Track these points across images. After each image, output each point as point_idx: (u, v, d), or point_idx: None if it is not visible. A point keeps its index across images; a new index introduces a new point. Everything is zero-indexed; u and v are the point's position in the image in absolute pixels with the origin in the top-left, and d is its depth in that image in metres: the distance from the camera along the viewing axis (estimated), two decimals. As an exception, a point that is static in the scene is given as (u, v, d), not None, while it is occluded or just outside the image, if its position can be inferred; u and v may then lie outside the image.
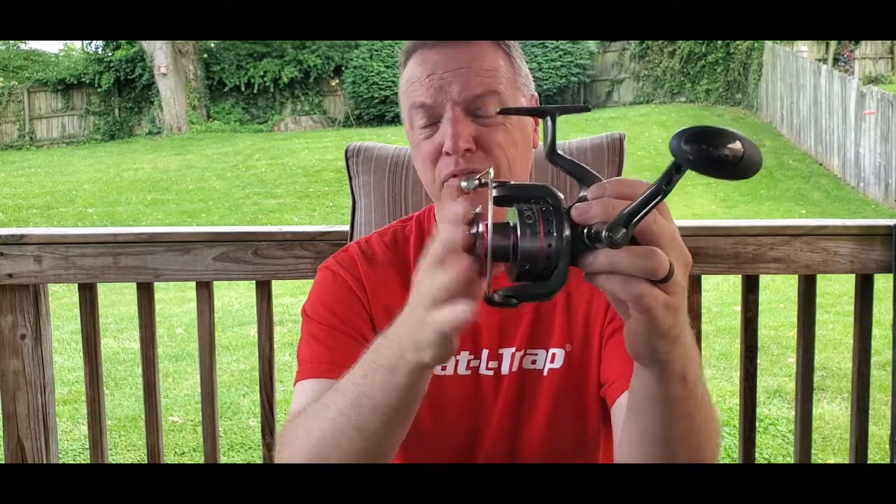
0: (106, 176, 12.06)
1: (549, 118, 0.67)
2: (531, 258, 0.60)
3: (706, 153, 0.54)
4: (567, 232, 0.60)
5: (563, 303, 1.00)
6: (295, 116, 16.98)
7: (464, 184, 0.69)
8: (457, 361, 1.00)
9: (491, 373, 1.00)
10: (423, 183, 0.99)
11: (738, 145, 0.54)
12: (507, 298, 0.61)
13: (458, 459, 1.01)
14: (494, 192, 0.63)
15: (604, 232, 0.58)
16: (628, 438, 0.77)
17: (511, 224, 0.62)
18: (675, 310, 0.61)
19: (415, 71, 0.95)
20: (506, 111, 0.89)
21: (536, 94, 1.03)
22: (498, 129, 0.93)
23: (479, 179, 0.67)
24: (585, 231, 0.60)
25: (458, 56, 0.93)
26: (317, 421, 0.77)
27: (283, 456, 0.81)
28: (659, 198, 0.57)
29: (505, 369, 1.00)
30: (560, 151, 0.66)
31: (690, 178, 0.57)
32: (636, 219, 0.58)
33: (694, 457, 0.72)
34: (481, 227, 0.62)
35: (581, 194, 0.63)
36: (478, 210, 0.64)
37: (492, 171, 0.66)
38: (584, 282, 0.62)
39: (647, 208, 0.58)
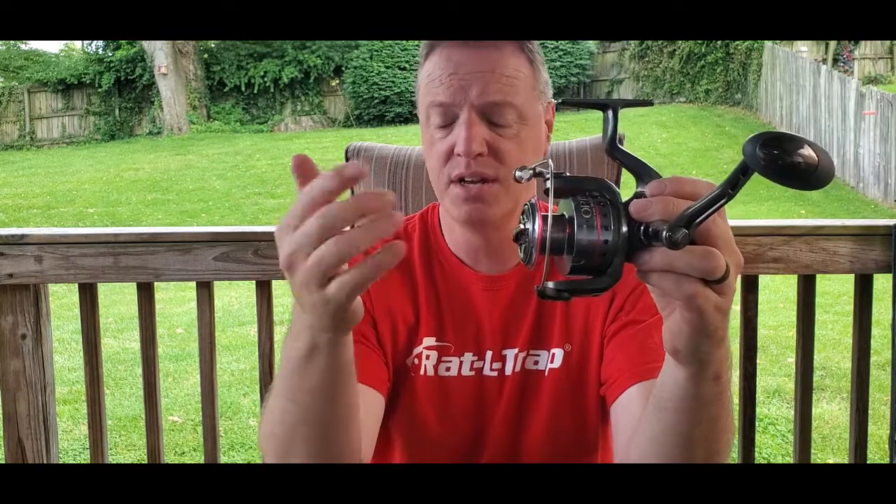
0: (106, 176, 12.06)
1: (610, 111, 0.65)
2: (587, 252, 0.59)
3: (781, 160, 0.51)
4: (624, 228, 0.59)
5: (563, 303, 1.00)
6: (295, 116, 16.99)
7: (518, 173, 0.66)
8: (461, 363, 1.00)
9: (495, 374, 1.00)
10: (431, 180, 0.99)
11: (812, 154, 0.51)
12: (560, 292, 0.60)
13: (461, 460, 1.01)
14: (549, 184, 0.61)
15: (664, 232, 0.56)
16: (646, 436, 0.76)
17: (567, 216, 0.60)
18: (724, 312, 0.61)
19: (436, 68, 0.94)
20: (567, 102, 0.87)
21: (553, 101, 1.01)
22: (511, 137, 0.93)
23: (535, 169, 0.65)
24: (643, 228, 0.59)
25: (481, 58, 0.92)
26: (271, 426, 0.77)
27: (267, 459, 0.81)
28: (723, 201, 0.55)
29: (508, 370, 1.00)
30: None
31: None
32: (698, 220, 0.56)
33: (710, 459, 0.72)
34: (537, 220, 0.61)
35: (638, 190, 0.62)
36: (533, 201, 0.63)
37: (551, 161, 0.65)
38: None
39: (710, 210, 0.56)
